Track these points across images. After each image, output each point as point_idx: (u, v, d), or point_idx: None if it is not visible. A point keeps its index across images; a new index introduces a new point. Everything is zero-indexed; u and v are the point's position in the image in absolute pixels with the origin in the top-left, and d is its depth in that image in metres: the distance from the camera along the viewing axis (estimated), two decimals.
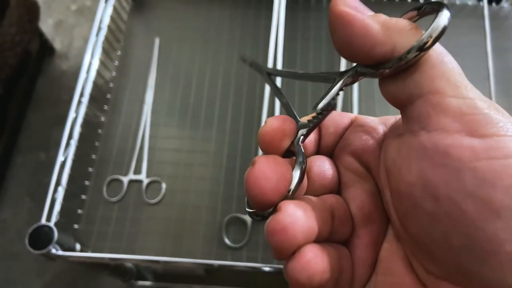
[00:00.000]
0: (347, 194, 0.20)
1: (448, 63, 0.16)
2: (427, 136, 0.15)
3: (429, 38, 0.15)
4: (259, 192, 0.16)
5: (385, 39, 0.16)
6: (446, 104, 0.15)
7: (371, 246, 0.19)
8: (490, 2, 0.66)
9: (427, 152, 0.15)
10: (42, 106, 0.83)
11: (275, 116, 0.19)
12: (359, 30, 0.16)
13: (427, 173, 0.15)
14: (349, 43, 0.17)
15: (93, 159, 0.56)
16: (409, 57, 0.16)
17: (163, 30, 0.65)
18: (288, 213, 0.16)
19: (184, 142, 0.57)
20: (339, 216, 0.18)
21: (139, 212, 0.54)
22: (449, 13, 0.16)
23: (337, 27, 0.17)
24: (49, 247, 0.44)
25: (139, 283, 0.62)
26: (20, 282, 0.70)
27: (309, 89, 0.60)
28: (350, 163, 0.20)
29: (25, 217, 0.74)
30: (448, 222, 0.14)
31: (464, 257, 0.14)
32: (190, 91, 0.61)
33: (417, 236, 0.16)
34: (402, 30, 0.16)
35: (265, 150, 0.19)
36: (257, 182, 0.16)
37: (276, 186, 0.16)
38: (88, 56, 0.56)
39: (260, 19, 0.65)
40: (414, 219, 0.16)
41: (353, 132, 0.20)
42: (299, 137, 0.19)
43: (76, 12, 0.91)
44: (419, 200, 0.15)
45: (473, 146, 0.14)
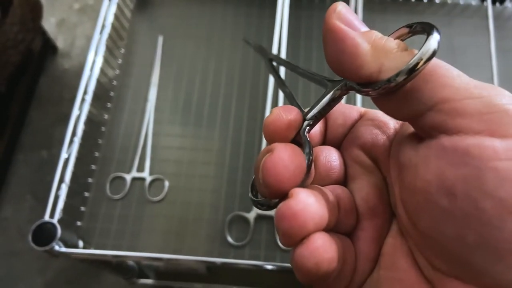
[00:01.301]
0: (353, 186, 0.20)
1: (444, 72, 0.16)
2: (447, 139, 0.15)
3: (419, 61, 0.15)
4: (276, 179, 0.16)
5: (372, 60, 0.16)
6: (461, 107, 0.15)
7: (374, 240, 0.19)
8: (494, 2, 0.66)
9: (447, 151, 0.15)
10: (44, 104, 0.84)
11: (282, 106, 0.19)
12: (348, 48, 0.16)
13: (445, 171, 0.15)
14: (338, 59, 0.17)
15: (96, 156, 0.56)
16: (398, 80, 0.16)
17: (166, 28, 0.65)
18: (300, 200, 0.16)
19: (187, 140, 0.57)
20: (345, 207, 0.19)
21: (142, 210, 0.53)
22: (439, 36, 0.16)
23: (328, 41, 0.17)
24: (52, 244, 0.44)
25: (141, 281, 0.62)
26: (22, 279, 0.70)
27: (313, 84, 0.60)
28: (358, 155, 0.20)
29: (27, 215, 0.74)
30: (463, 220, 0.14)
31: (477, 255, 0.14)
32: (194, 89, 0.61)
33: (428, 232, 0.16)
34: (390, 52, 0.16)
35: (271, 140, 0.19)
36: (275, 169, 0.16)
37: (293, 175, 0.16)
38: (91, 54, 0.56)
39: (263, 17, 0.65)
40: (427, 215, 0.15)
41: (363, 126, 0.20)
42: (304, 128, 0.19)
43: (79, 10, 0.92)
44: (435, 196, 0.15)
45: (494, 146, 0.14)
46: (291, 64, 0.26)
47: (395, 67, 0.16)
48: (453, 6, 0.66)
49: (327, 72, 0.61)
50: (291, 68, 0.26)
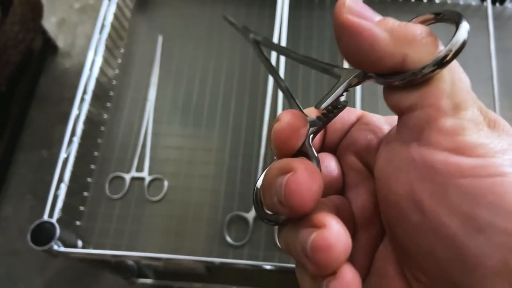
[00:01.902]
0: (350, 194, 0.20)
1: (459, 81, 0.16)
2: (417, 149, 0.15)
3: (448, 53, 0.15)
4: (301, 201, 0.16)
5: (394, 50, 0.16)
6: (441, 122, 0.15)
7: (368, 249, 0.19)
8: (494, 3, 0.66)
9: (416, 164, 0.15)
10: (44, 104, 0.84)
11: (288, 110, 0.19)
12: (366, 41, 0.16)
13: (414, 186, 0.15)
14: (355, 53, 0.16)
15: (96, 156, 0.56)
16: (424, 72, 0.15)
17: (166, 28, 0.65)
18: (333, 230, 0.15)
19: (187, 140, 0.57)
20: (345, 218, 0.18)
21: (141, 210, 0.54)
22: (468, 26, 0.15)
23: (342, 36, 0.16)
24: (51, 244, 0.44)
25: (140, 281, 0.62)
26: (22, 279, 0.70)
27: (312, 76, 0.60)
28: (353, 162, 0.20)
29: (27, 214, 0.74)
30: (433, 235, 0.14)
31: (450, 269, 0.14)
32: (193, 89, 0.61)
33: (405, 245, 0.16)
34: (414, 40, 0.16)
35: (280, 149, 0.18)
36: (299, 190, 0.16)
37: (316, 196, 0.16)
38: (91, 54, 0.56)
39: (263, 18, 0.65)
40: (402, 228, 0.16)
41: (358, 130, 0.20)
42: (309, 136, 0.18)
43: (79, 10, 0.92)
44: (406, 211, 0.15)
45: (459, 164, 0.14)
46: (286, 49, 0.24)
47: (420, 56, 0.15)
48: (453, 6, 0.66)
49: None
50: (286, 54, 0.23)
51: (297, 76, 0.60)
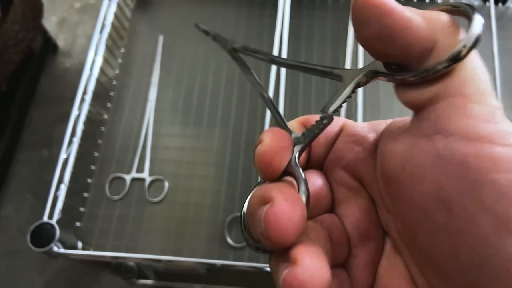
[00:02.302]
0: (341, 210, 0.19)
1: (480, 69, 0.15)
2: (443, 142, 0.14)
3: (462, 49, 0.14)
4: (281, 234, 0.15)
5: (427, 34, 0.15)
6: (470, 109, 0.14)
7: (368, 265, 0.18)
8: (497, 3, 0.66)
9: (443, 160, 0.14)
10: (45, 103, 0.83)
11: (271, 130, 0.18)
12: (399, 22, 0.14)
13: (442, 183, 0.14)
14: (384, 37, 0.15)
15: (96, 157, 0.56)
16: (437, 68, 0.14)
17: (167, 28, 0.65)
18: (306, 267, 0.14)
19: (187, 140, 0.57)
20: (336, 239, 0.18)
21: (141, 211, 0.53)
22: (483, 19, 0.14)
23: (370, 18, 0.15)
24: (51, 245, 0.44)
25: (140, 281, 0.61)
26: (22, 278, 0.70)
27: (313, 81, 0.59)
28: (342, 177, 0.19)
29: (27, 214, 0.74)
30: (460, 237, 0.13)
31: (473, 273, 0.13)
32: (194, 89, 0.60)
33: (425, 248, 0.15)
34: (445, 25, 0.15)
35: (264, 171, 0.17)
36: (279, 223, 0.15)
37: (297, 226, 0.15)
38: (91, 54, 0.56)
39: (264, 17, 0.64)
40: (424, 229, 0.15)
41: (344, 143, 0.19)
42: (295, 156, 0.17)
43: (79, 9, 0.91)
44: (431, 211, 0.14)
45: (493, 156, 0.13)
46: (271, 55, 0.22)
47: (449, 44, 0.14)
48: None
49: None
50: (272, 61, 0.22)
51: (298, 82, 0.60)
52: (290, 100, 0.58)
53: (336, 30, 0.64)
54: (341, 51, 0.61)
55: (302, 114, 0.54)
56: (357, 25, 0.15)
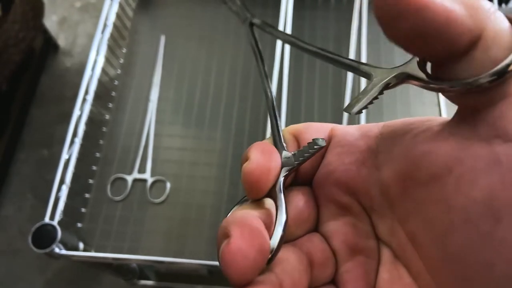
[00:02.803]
0: (328, 227, 0.18)
1: None
2: (503, 147, 0.13)
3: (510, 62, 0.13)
4: (238, 272, 0.14)
5: (473, 24, 0.13)
6: None
7: (362, 278, 0.17)
8: (500, 3, 0.66)
9: (501, 166, 0.13)
10: (45, 102, 0.83)
11: (261, 147, 0.17)
12: (441, 14, 0.13)
13: (497, 191, 0.13)
14: (424, 34, 0.13)
15: (97, 157, 0.56)
16: (480, 82, 0.13)
17: (168, 28, 0.65)
18: None
19: (189, 141, 0.57)
20: (318, 260, 0.17)
21: (143, 212, 0.53)
22: None
23: (404, 14, 0.13)
24: (53, 246, 0.44)
25: (141, 282, 0.61)
26: (22, 278, 0.70)
27: (316, 82, 0.59)
28: (333, 194, 0.18)
29: (28, 213, 0.74)
30: (500, 247, 0.13)
31: (503, 285, 0.13)
32: (196, 89, 0.60)
33: (456, 254, 0.14)
34: (489, 12, 0.13)
35: (250, 191, 0.17)
36: (235, 261, 0.14)
37: (255, 263, 0.14)
38: (93, 53, 0.56)
39: (267, 18, 0.64)
40: (460, 236, 0.14)
41: (334, 155, 0.18)
42: (280, 181, 0.17)
43: (80, 9, 0.91)
44: (476, 217, 0.13)
45: None
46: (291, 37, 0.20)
47: (497, 31, 0.13)
48: None
49: (331, 75, 0.60)
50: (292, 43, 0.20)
51: (301, 83, 0.59)
52: (293, 100, 0.58)
53: (339, 30, 0.63)
54: (344, 52, 0.61)
55: (305, 115, 0.54)
56: (387, 23, 0.13)
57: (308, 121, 0.20)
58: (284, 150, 0.17)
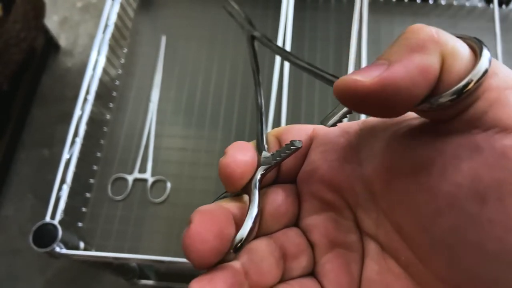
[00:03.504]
0: (308, 222, 0.19)
1: (502, 66, 0.15)
2: (482, 135, 0.14)
3: (469, 82, 0.14)
4: (197, 255, 0.15)
5: (427, 81, 0.14)
6: (504, 97, 0.14)
7: (343, 268, 0.18)
8: (500, 5, 0.66)
9: (482, 152, 0.14)
10: (46, 102, 0.83)
11: (238, 144, 0.18)
12: (403, 83, 0.14)
13: (480, 174, 0.14)
14: (399, 105, 0.14)
15: (98, 157, 0.56)
16: (441, 102, 0.14)
17: (169, 28, 0.65)
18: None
19: (190, 141, 0.57)
20: (291, 252, 0.18)
21: (143, 211, 0.53)
22: (489, 53, 0.14)
23: (376, 102, 0.14)
24: (53, 246, 0.44)
25: (141, 282, 0.61)
26: (23, 278, 0.70)
27: (316, 86, 0.59)
28: (317, 190, 0.19)
29: (28, 213, 0.74)
30: (489, 227, 0.13)
31: (493, 263, 0.14)
32: (196, 90, 0.60)
33: (444, 238, 0.15)
34: (445, 45, 0.14)
35: (225, 182, 0.18)
36: (193, 245, 0.15)
37: (214, 247, 0.15)
38: (94, 53, 0.56)
39: (268, 18, 0.64)
40: (447, 220, 0.14)
41: (317, 154, 0.19)
42: (256, 178, 0.18)
43: (81, 9, 0.91)
44: (463, 201, 0.14)
45: None
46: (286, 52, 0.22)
47: (453, 61, 0.14)
48: (459, 8, 0.66)
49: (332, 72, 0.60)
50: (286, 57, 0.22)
51: (301, 86, 0.60)
52: (293, 103, 0.58)
53: (339, 31, 0.64)
54: (344, 53, 0.61)
55: (305, 118, 0.54)
56: (351, 105, 0.15)
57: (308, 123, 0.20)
58: (264, 151, 0.18)
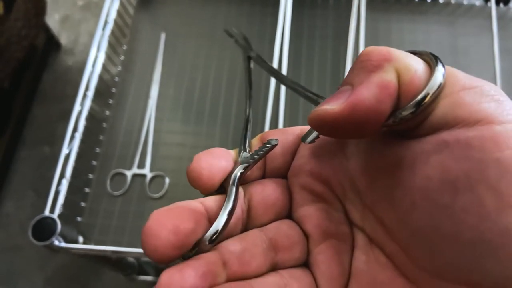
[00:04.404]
0: (300, 213, 0.19)
1: (457, 71, 0.16)
2: (447, 132, 0.15)
3: (426, 95, 0.15)
4: (151, 251, 0.16)
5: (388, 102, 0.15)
6: (459, 98, 0.15)
7: (335, 259, 0.18)
8: (498, 3, 0.66)
9: (448, 145, 0.15)
10: (47, 100, 0.84)
11: (207, 150, 0.19)
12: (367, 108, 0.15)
13: (448, 166, 0.14)
14: (373, 123, 0.15)
15: (97, 152, 0.56)
16: (403, 115, 0.15)
17: (169, 26, 0.65)
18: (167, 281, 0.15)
19: (188, 138, 0.57)
20: (284, 244, 0.18)
21: (142, 206, 0.54)
22: (443, 69, 0.15)
23: (350, 124, 0.15)
24: (52, 239, 0.44)
25: (140, 277, 0.62)
26: (23, 275, 0.70)
27: (315, 75, 0.60)
28: (307, 182, 0.19)
29: (29, 211, 0.75)
30: (462, 215, 0.14)
31: (470, 251, 0.14)
32: (195, 86, 0.61)
33: (422, 230, 0.15)
34: (402, 63, 0.15)
35: (195, 187, 0.18)
36: (147, 241, 0.15)
37: (167, 242, 0.15)
38: (94, 50, 0.56)
39: (266, 16, 0.65)
40: (423, 212, 0.15)
41: (306, 149, 0.20)
42: (236, 174, 0.18)
43: (82, 7, 0.92)
44: (435, 193, 0.15)
45: (494, 136, 0.14)
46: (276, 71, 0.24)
47: (411, 77, 0.15)
48: (457, 6, 0.66)
49: (330, 74, 0.60)
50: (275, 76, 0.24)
51: (300, 70, 0.60)
52: (291, 104, 0.58)
53: (337, 29, 0.64)
54: (342, 50, 0.61)
55: (303, 119, 0.54)
56: (335, 136, 0.17)
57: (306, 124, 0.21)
58: (244, 152, 0.19)
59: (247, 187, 0.19)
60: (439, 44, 0.63)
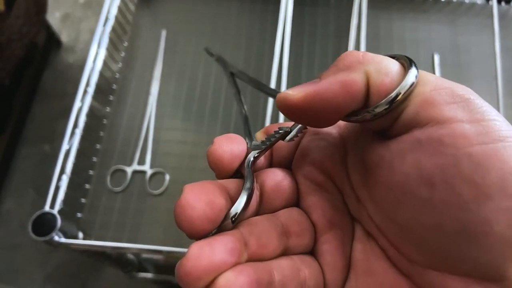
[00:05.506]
0: (307, 203, 0.20)
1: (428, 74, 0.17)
2: (420, 131, 0.16)
3: (398, 94, 0.16)
4: (187, 223, 0.16)
5: (360, 87, 0.16)
6: (430, 97, 0.16)
7: (339, 249, 0.19)
8: (500, 1, 0.66)
9: (422, 143, 0.15)
10: (48, 98, 0.84)
11: (226, 135, 0.19)
12: (325, 106, 0.16)
13: (423, 162, 0.15)
14: (324, 120, 0.17)
15: (98, 149, 0.56)
16: (377, 111, 0.16)
17: (170, 23, 0.65)
18: (191, 257, 0.15)
19: (189, 134, 0.57)
20: (295, 230, 0.19)
21: (142, 203, 0.54)
22: (417, 71, 0.16)
23: (313, 112, 0.16)
24: (52, 234, 0.44)
25: (140, 275, 0.61)
26: (23, 272, 0.70)
27: None
28: (309, 172, 0.20)
29: (29, 208, 0.75)
30: (442, 208, 0.15)
31: (455, 242, 0.15)
32: (196, 83, 0.61)
33: (407, 224, 0.16)
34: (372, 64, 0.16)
35: (214, 170, 0.19)
36: (183, 213, 0.16)
37: (203, 214, 0.16)
38: (94, 47, 0.56)
39: (267, 13, 0.65)
40: (405, 208, 0.16)
41: (310, 141, 0.20)
42: (249, 159, 0.19)
43: (83, 5, 0.92)
44: (414, 188, 0.15)
45: (464, 133, 0.15)
46: (257, 81, 0.26)
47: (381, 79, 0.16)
48: (458, 5, 0.66)
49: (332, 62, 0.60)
50: (257, 87, 0.26)
51: (299, 80, 0.60)
52: None
53: (338, 27, 0.64)
54: (343, 48, 0.61)
55: None
56: (302, 122, 0.18)
57: None
58: (254, 140, 0.21)
59: (259, 174, 0.20)
60: (441, 43, 0.63)
